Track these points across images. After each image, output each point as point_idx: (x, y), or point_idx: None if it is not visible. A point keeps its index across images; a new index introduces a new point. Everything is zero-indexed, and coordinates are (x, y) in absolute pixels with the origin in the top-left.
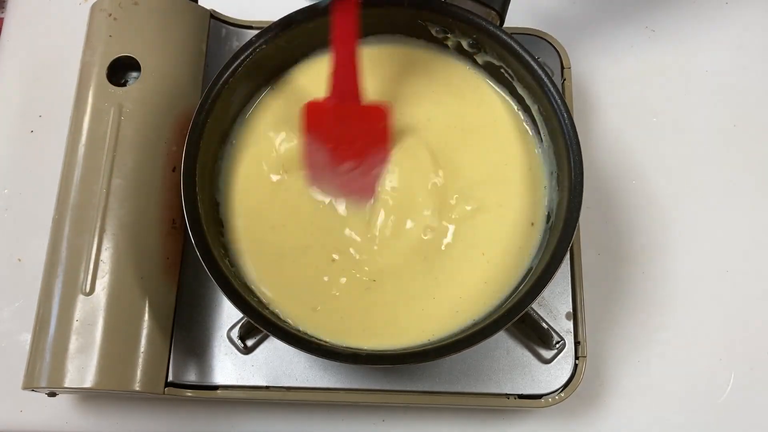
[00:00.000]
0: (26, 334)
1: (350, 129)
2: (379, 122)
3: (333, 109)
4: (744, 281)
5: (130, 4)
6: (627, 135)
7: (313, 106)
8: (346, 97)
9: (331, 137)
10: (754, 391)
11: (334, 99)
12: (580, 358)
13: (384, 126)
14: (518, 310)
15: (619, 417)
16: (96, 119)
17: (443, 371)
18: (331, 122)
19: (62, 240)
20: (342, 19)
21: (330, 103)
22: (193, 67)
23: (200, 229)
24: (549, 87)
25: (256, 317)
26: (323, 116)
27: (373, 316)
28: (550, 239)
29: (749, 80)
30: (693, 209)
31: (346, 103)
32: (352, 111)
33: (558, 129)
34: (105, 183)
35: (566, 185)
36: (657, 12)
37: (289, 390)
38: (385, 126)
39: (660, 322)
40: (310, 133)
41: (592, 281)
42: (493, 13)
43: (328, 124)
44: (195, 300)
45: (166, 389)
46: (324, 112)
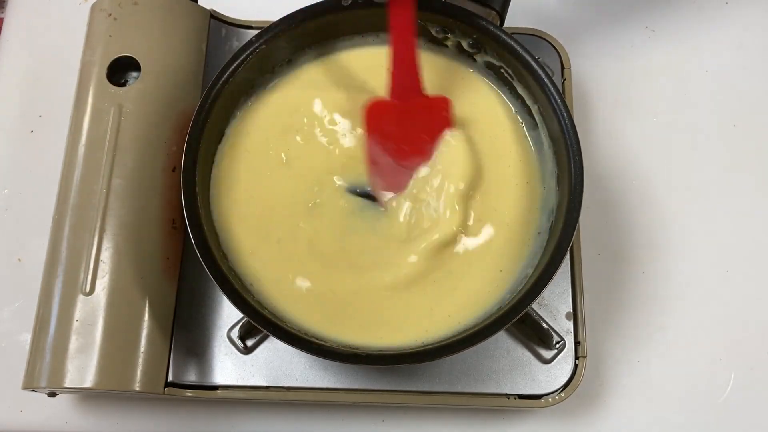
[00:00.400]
0: (26, 334)
1: (414, 124)
2: (442, 112)
3: (396, 106)
4: (744, 281)
5: (130, 4)
6: (627, 135)
7: (377, 105)
8: (409, 92)
9: (396, 135)
10: (754, 391)
11: (396, 95)
12: (580, 358)
13: (447, 116)
14: (518, 310)
15: (619, 417)
16: (96, 119)
17: (443, 371)
18: (395, 120)
19: (62, 240)
20: (399, 16)
21: (393, 101)
22: (193, 67)
23: (200, 229)
24: (549, 87)
25: (256, 317)
26: (387, 114)
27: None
28: (550, 239)
29: (749, 80)
30: (693, 209)
31: (409, 99)
32: (415, 105)
33: (558, 129)
34: (105, 183)
35: (566, 185)
36: (657, 12)
37: (289, 390)
38: (447, 116)
39: (660, 322)
40: (375, 133)
41: (592, 281)
42: (493, 13)
43: (392, 121)
44: (195, 300)
45: (166, 389)
46: (387, 110)
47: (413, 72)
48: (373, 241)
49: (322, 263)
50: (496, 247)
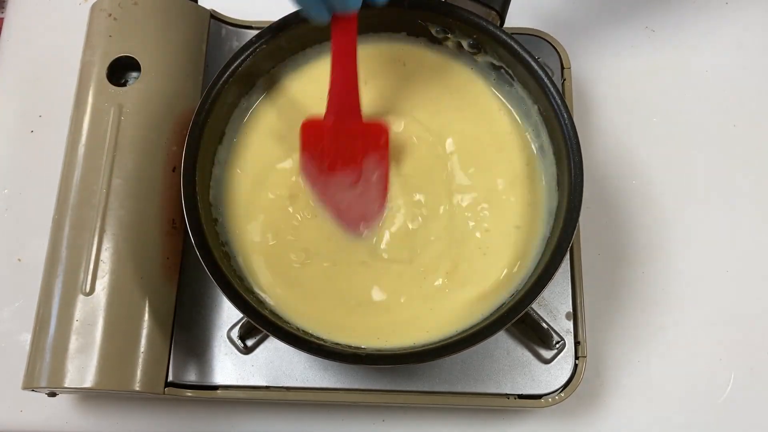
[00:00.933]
0: (26, 334)
1: (349, 145)
2: (378, 139)
3: (331, 126)
4: (744, 281)
5: (130, 4)
6: (627, 135)
7: (311, 124)
8: (345, 115)
9: (329, 154)
10: (754, 391)
11: (332, 116)
12: (580, 358)
13: (384, 142)
14: (518, 310)
15: (619, 417)
16: (96, 119)
17: (443, 371)
18: (330, 139)
19: (62, 240)
20: (340, 37)
21: (329, 121)
22: (193, 67)
23: (200, 229)
24: (549, 87)
25: (255, 317)
26: (321, 134)
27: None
28: (550, 239)
29: (749, 80)
30: (693, 209)
31: (345, 121)
32: (351, 128)
33: (558, 129)
34: (105, 183)
35: (566, 185)
36: (657, 12)
37: (289, 390)
38: (384, 142)
39: (660, 322)
40: (308, 151)
41: (592, 281)
42: (493, 13)
43: (327, 141)
44: (195, 300)
45: (166, 389)
46: (322, 129)
47: (352, 94)
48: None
49: (322, 264)
50: (496, 247)
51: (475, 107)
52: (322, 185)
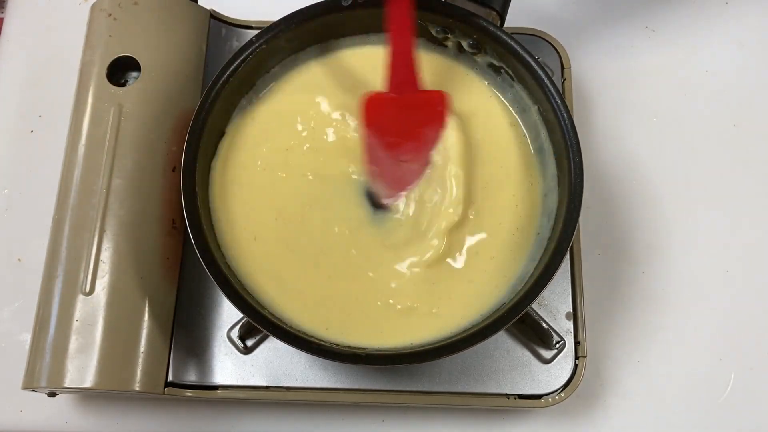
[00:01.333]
0: (26, 334)
1: (410, 118)
2: (438, 107)
3: (393, 99)
4: (744, 281)
5: (130, 4)
6: (627, 135)
7: (373, 98)
8: (405, 87)
9: (393, 128)
10: (754, 391)
11: (393, 89)
12: (580, 358)
13: (442, 111)
14: (518, 310)
15: (619, 417)
16: (96, 119)
17: (443, 371)
18: (392, 113)
19: (62, 240)
20: (398, 11)
21: (390, 93)
22: (193, 67)
23: (200, 229)
24: (549, 87)
25: (255, 317)
26: (383, 108)
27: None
28: (550, 239)
29: (749, 80)
30: (693, 209)
31: (405, 93)
32: (411, 99)
33: (558, 129)
34: (105, 183)
35: (566, 186)
36: (657, 12)
37: (289, 390)
38: (443, 110)
39: (660, 322)
40: (371, 127)
41: (592, 281)
42: (493, 13)
43: (389, 115)
44: (195, 300)
45: (166, 389)
46: (384, 103)
47: (410, 65)
48: (375, 243)
49: (322, 264)
50: (496, 247)
51: (475, 107)
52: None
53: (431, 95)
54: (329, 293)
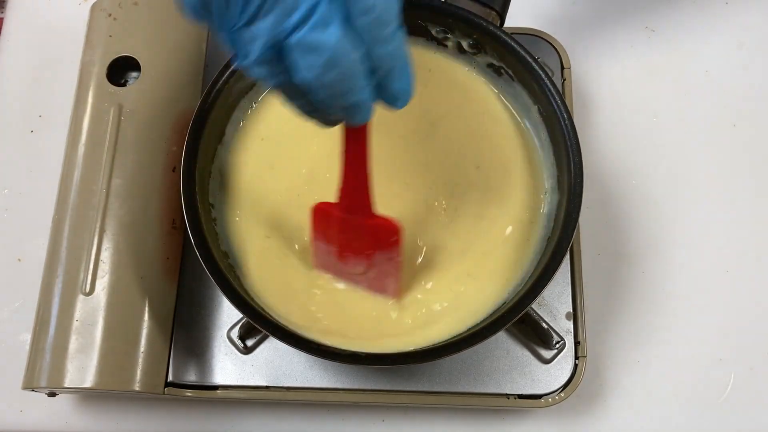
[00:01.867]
0: (26, 334)
1: (359, 238)
2: (390, 237)
3: (341, 218)
4: (744, 281)
5: (130, 4)
6: (627, 135)
7: (322, 209)
8: (356, 211)
9: (340, 242)
10: (754, 391)
11: (343, 210)
12: (580, 358)
13: (396, 241)
14: (518, 310)
15: (619, 417)
16: (96, 119)
17: (443, 371)
18: (340, 230)
19: (62, 240)
20: (352, 145)
21: (339, 213)
22: (193, 67)
23: (200, 229)
24: (549, 88)
25: (255, 317)
26: (332, 223)
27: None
28: (549, 239)
29: (749, 80)
30: (693, 209)
31: (355, 216)
32: (361, 223)
33: (558, 130)
34: (105, 183)
35: (566, 186)
36: (657, 12)
37: (289, 390)
38: (397, 241)
39: (660, 322)
40: (318, 234)
41: (592, 281)
42: (493, 13)
43: (337, 229)
44: (195, 300)
45: (166, 389)
46: (334, 219)
47: (363, 191)
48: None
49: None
50: (496, 247)
51: (475, 107)
52: (333, 267)
53: (384, 224)
54: (329, 293)
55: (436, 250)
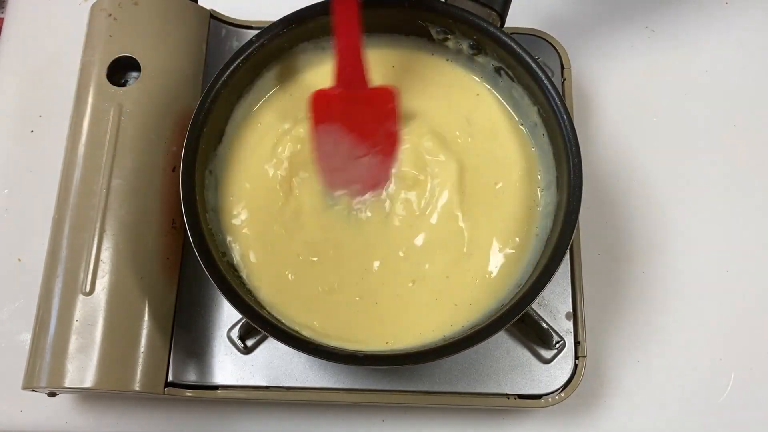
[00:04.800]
0: (26, 334)
1: (359, 114)
2: (387, 104)
3: (340, 96)
4: (744, 281)
5: (130, 4)
6: (627, 135)
7: (320, 95)
8: (353, 83)
9: (341, 125)
10: (754, 391)
11: (340, 86)
12: (580, 358)
13: (392, 107)
14: (518, 310)
15: (619, 417)
16: (96, 119)
17: (443, 371)
18: (340, 110)
19: (62, 240)
20: (343, 10)
21: (337, 91)
22: (193, 67)
23: (199, 229)
24: (549, 89)
25: (254, 317)
26: (331, 105)
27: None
28: (549, 239)
29: (749, 80)
30: (693, 209)
31: (353, 89)
32: (359, 96)
33: (558, 131)
34: (105, 183)
35: (565, 187)
36: (657, 12)
37: (289, 390)
38: (393, 107)
39: (660, 322)
40: (320, 124)
41: (592, 281)
42: (493, 14)
43: (337, 112)
44: (195, 300)
45: (166, 389)
46: (331, 100)
47: (357, 62)
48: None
49: (321, 264)
50: (496, 247)
51: (476, 108)
52: (333, 160)
53: (380, 91)
54: (328, 293)
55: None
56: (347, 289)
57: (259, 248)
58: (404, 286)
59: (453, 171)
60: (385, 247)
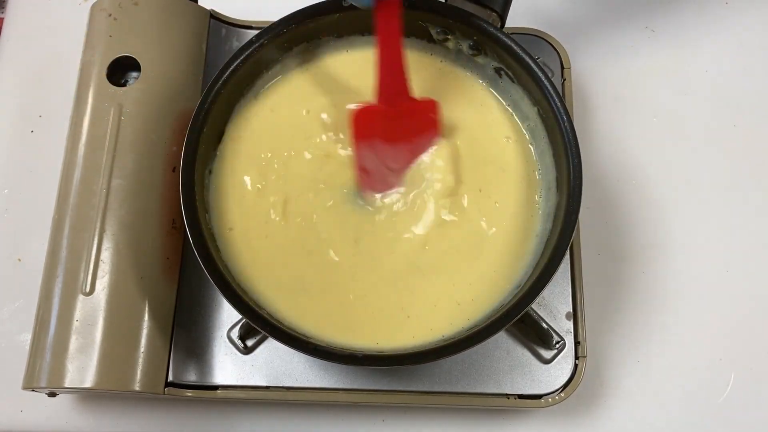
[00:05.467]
0: (26, 334)
1: (402, 128)
2: (430, 114)
3: (383, 111)
4: (744, 281)
5: (130, 4)
6: (627, 135)
7: (363, 111)
8: (396, 97)
9: (384, 139)
10: (754, 391)
11: (383, 100)
12: (580, 358)
13: (434, 118)
14: (518, 310)
15: (619, 417)
16: (96, 119)
17: (443, 371)
18: (383, 125)
19: (62, 240)
20: (385, 19)
21: (380, 105)
22: (193, 67)
23: (199, 230)
24: (549, 90)
25: (254, 318)
26: (374, 120)
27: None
28: (549, 240)
29: (749, 80)
30: (693, 209)
31: (396, 103)
32: (402, 110)
33: (558, 132)
34: (105, 183)
35: (565, 187)
36: (657, 12)
37: (289, 390)
38: (435, 118)
39: (660, 322)
40: (362, 140)
41: (592, 281)
42: (494, 14)
43: (379, 127)
44: (195, 300)
45: (166, 389)
46: (374, 116)
47: (400, 76)
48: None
49: (320, 264)
50: (496, 247)
51: (475, 109)
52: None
53: (422, 105)
54: (328, 293)
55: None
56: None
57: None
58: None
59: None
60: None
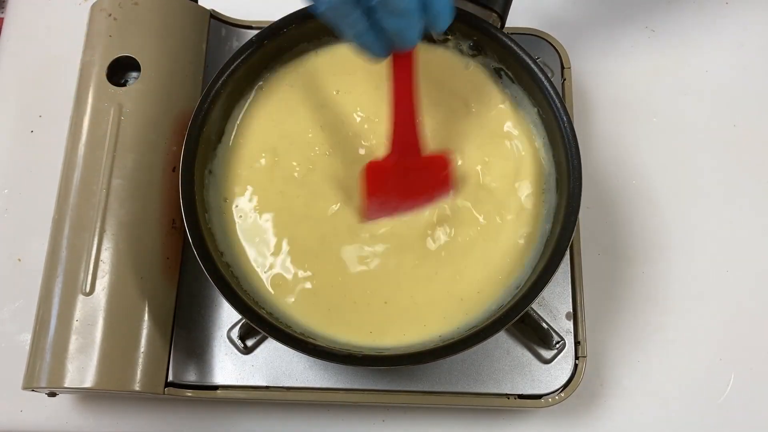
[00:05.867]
0: (26, 334)
1: (414, 182)
2: (442, 171)
3: (395, 167)
4: (744, 281)
5: (130, 4)
6: (627, 135)
7: (374, 166)
8: (408, 152)
9: (395, 194)
10: (754, 391)
11: (395, 155)
12: (580, 358)
13: (447, 174)
14: (518, 310)
15: (619, 417)
16: (96, 119)
17: (443, 371)
18: (394, 180)
19: (62, 240)
20: (400, 75)
21: (392, 161)
22: (193, 67)
23: (199, 230)
24: (549, 90)
25: (253, 318)
26: (385, 176)
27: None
28: (549, 240)
29: (749, 80)
30: (693, 209)
31: (407, 158)
32: (414, 164)
33: (557, 133)
34: (105, 183)
35: (565, 188)
36: (657, 12)
37: (289, 390)
38: (447, 174)
39: (660, 322)
40: (374, 195)
41: (592, 281)
42: (494, 15)
43: (391, 182)
44: (195, 300)
45: (166, 389)
46: (385, 171)
47: (413, 130)
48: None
49: (320, 264)
50: (496, 248)
51: (475, 109)
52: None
53: (435, 160)
54: (328, 294)
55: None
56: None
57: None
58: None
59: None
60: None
